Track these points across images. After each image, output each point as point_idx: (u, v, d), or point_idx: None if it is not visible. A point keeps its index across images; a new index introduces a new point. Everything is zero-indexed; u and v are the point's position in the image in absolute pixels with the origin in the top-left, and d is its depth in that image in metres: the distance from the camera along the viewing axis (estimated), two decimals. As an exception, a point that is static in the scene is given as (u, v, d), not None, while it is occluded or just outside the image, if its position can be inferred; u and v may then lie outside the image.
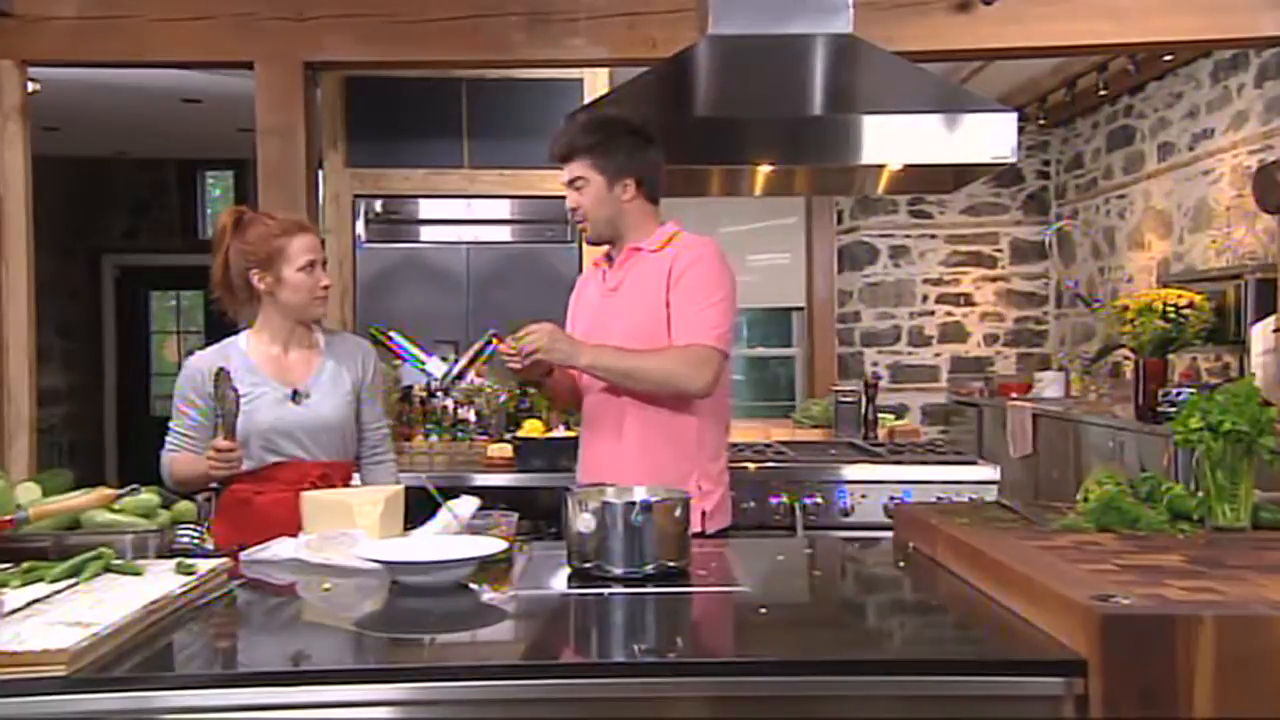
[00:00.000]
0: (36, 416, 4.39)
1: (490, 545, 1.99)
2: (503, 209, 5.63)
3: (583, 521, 1.95)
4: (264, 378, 2.58)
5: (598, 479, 2.52)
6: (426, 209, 5.62)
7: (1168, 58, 5.92)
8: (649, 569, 1.93)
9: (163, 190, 9.20)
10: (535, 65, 4.86)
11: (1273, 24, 4.01)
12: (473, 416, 3.84)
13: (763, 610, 1.80)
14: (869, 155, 3.34)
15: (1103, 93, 6.41)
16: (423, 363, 3.99)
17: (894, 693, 1.48)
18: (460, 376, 4.01)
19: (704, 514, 2.62)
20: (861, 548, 2.41)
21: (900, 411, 6.59)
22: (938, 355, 7.85)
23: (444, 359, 4.05)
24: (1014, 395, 6.85)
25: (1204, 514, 1.93)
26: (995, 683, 1.46)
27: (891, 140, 3.29)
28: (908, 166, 3.53)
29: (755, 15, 3.49)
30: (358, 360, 2.76)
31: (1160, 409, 4.77)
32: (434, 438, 3.82)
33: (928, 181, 3.84)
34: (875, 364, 7.71)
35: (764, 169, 3.67)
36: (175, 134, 7.84)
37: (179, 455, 2.57)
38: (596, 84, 5.49)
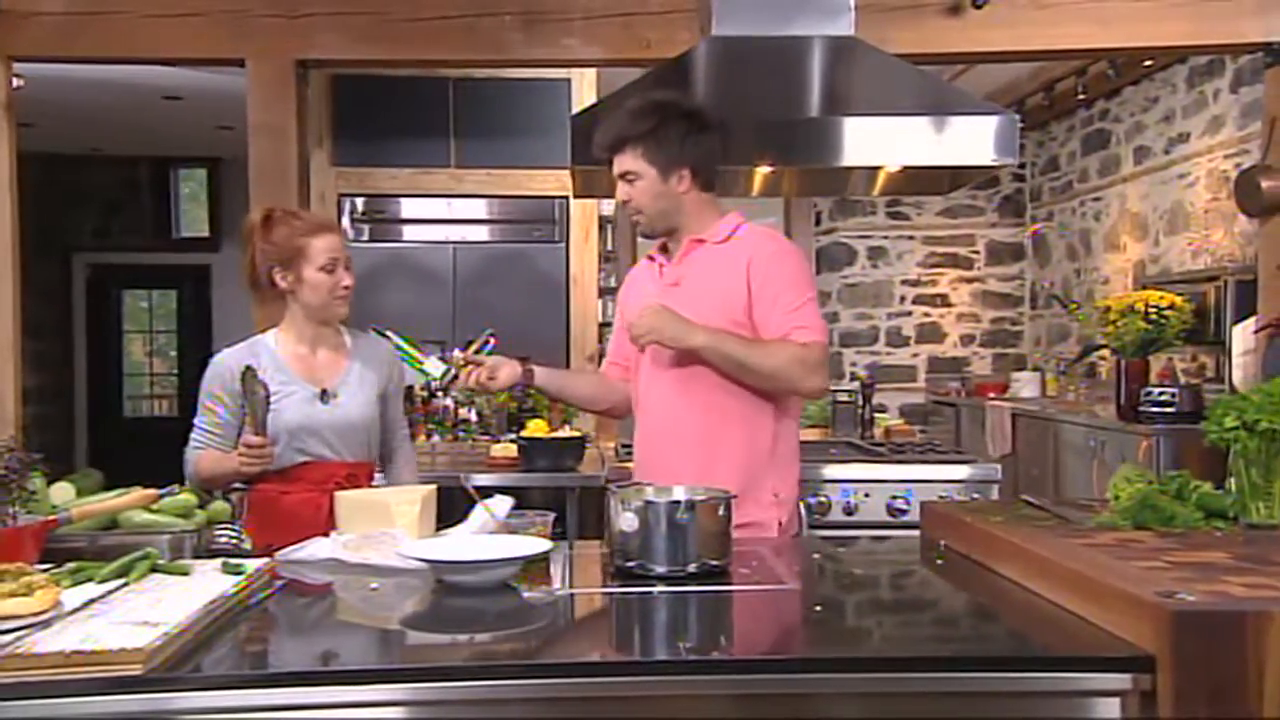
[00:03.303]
0: (24, 415, 4.33)
1: (534, 545, 1.99)
2: (489, 208, 5.63)
3: (625, 520, 1.96)
4: (293, 376, 2.57)
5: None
6: (413, 208, 5.61)
7: (1148, 63, 6.01)
8: (692, 567, 1.94)
9: (135, 188, 9.09)
10: (529, 65, 4.86)
11: (1256, 30, 4.08)
12: (474, 416, 3.84)
13: (818, 608, 1.82)
14: (869, 157, 3.36)
15: (1081, 96, 6.51)
16: (421, 363, 3.99)
17: (961, 689, 1.49)
18: (457, 377, 4.02)
19: (780, 524, 2.54)
20: (889, 546, 2.43)
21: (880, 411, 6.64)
22: (915, 355, 7.93)
23: (442, 359, 4.05)
24: (991, 395, 6.93)
25: (1238, 511, 1.97)
26: (1062, 679, 1.48)
27: (892, 142, 3.31)
28: (906, 168, 3.55)
29: (757, 17, 3.50)
30: (384, 362, 2.76)
31: (1141, 408, 4.86)
32: (436, 438, 3.82)
33: (924, 183, 3.87)
34: (854, 364, 7.78)
35: (762, 170, 3.68)
36: (151, 131, 7.77)
37: (204, 453, 2.55)
38: (584, 84, 5.51)
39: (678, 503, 1.96)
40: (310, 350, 2.65)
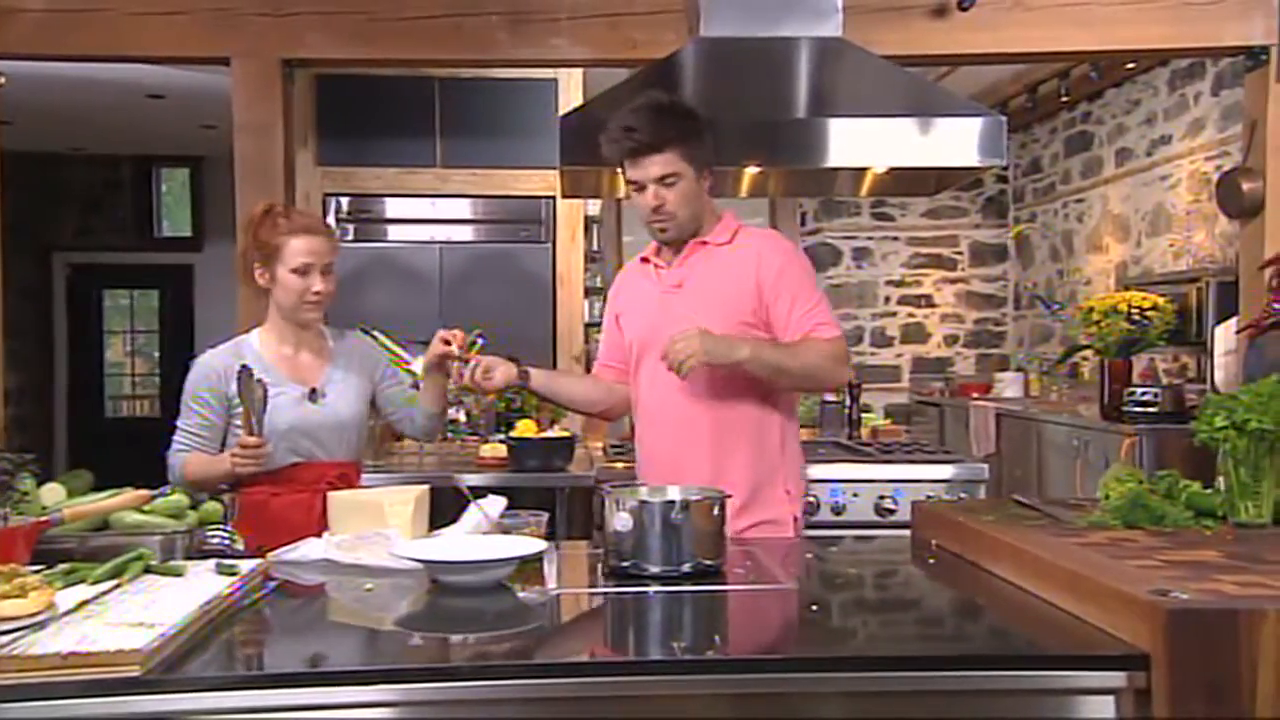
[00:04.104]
0: (5, 415, 4.31)
1: (529, 545, 1.99)
2: (475, 208, 5.63)
3: (620, 520, 1.96)
4: (280, 377, 2.55)
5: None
6: (398, 208, 5.61)
7: (1129, 65, 6.06)
8: (687, 567, 1.94)
9: (117, 187, 9.03)
10: (516, 65, 4.86)
11: (1236, 34, 4.12)
12: (463, 417, 3.83)
13: (814, 607, 1.83)
14: (856, 158, 3.37)
15: (1064, 99, 6.55)
16: (407, 364, 3.97)
17: (955, 687, 1.50)
18: (449, 375, 4.01)
19: (795, 519, 2.56)
20: (881, 546, 2.45)
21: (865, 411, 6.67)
22: (899, 356, 7.97)
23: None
24: (975, 395, 6.97)
25: (1226, 511, 1.99)
26: (1056, 676, 1.49)
27: (879, 143, 3.31)
28: (892, 169, 3.57)
29: (745, 18, 3.50)
30: (368, 360, 2.73)
31: (1125, 408, 4.89)
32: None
33: (911, 184, 3.88)
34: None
35: (750, 170, 3.68)
36: (134, 129, 7.72)
37: (191, 456, 2.52)
38: (571, 85, 5.51)
39: (672, 503, 1.96)
40: (294, 350, 2.63)
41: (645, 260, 2.71)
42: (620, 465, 3.63)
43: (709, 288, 2.53)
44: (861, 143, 3.29)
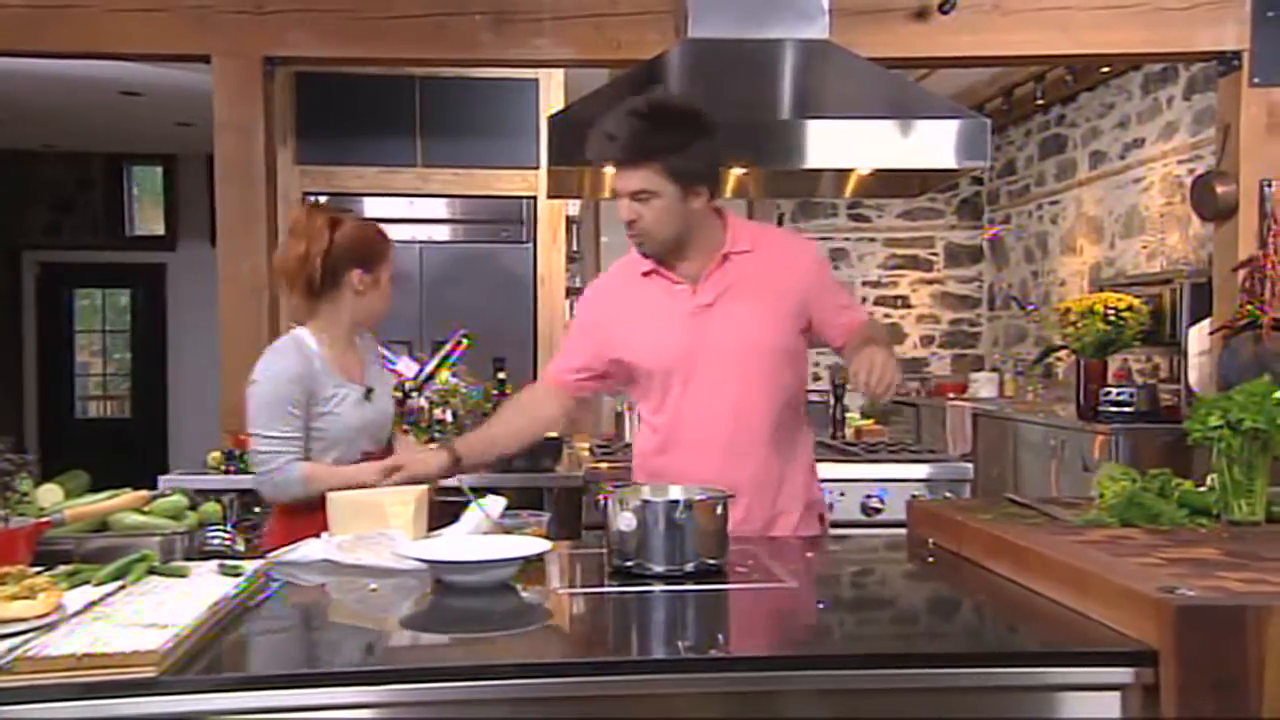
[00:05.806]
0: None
1: (534, 544, 2.00)
2: (455, 208, 5.63)
3: (624, 520, 1.96)
4: (340, 379, 2.54)
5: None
6: (378, 207, 5.59)
7: (1104, 69, 6.13)
8: (689, 567, 1.95)
9: (88, 185, 8.94)
10: (499, 65, 4.85)
11: (1208, 39, 4.18)
12: (449, 417, 3.82)
13: (822, 605, 1.84)
14: (842, 160, 3.39)
15: (1039, 102, 6.61)
16: (393, 363, 3.97)
17: (964, 684, 1.52)
18: (431, 377, 4.01)
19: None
20: (878, 544, 2.47)
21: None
22: (875, 356, 8.00)
23: (415, 359, 4.04)
24: (950, 395, 7.02)
25: (1220, 509, 2.02)
26: (1063, 673, 1.51)
27: (864, 145, 3.34)
28: (876, 171, 3.59)
29: (732, 20, 3.52)
30: (377, 359, 2.77)
31: (1100, 408, 4.95)
32: (411, 438, 3.78)
33: (894, 185, 3.91)
34: (817, 364, 7.84)
35: (735, 171, 3.70)
36: (107, 127, 7.65)
37: (311, 466, 2.46)
38: (552, 85, 5.52)
39: (675, 502, 1.97)
40: (345, 351, 2.60)
41: (651, 275, 2.44)
42: (605, 465, 3.64)
43: (747, 303, 2.38)
44: (846, 144, 3.31)
